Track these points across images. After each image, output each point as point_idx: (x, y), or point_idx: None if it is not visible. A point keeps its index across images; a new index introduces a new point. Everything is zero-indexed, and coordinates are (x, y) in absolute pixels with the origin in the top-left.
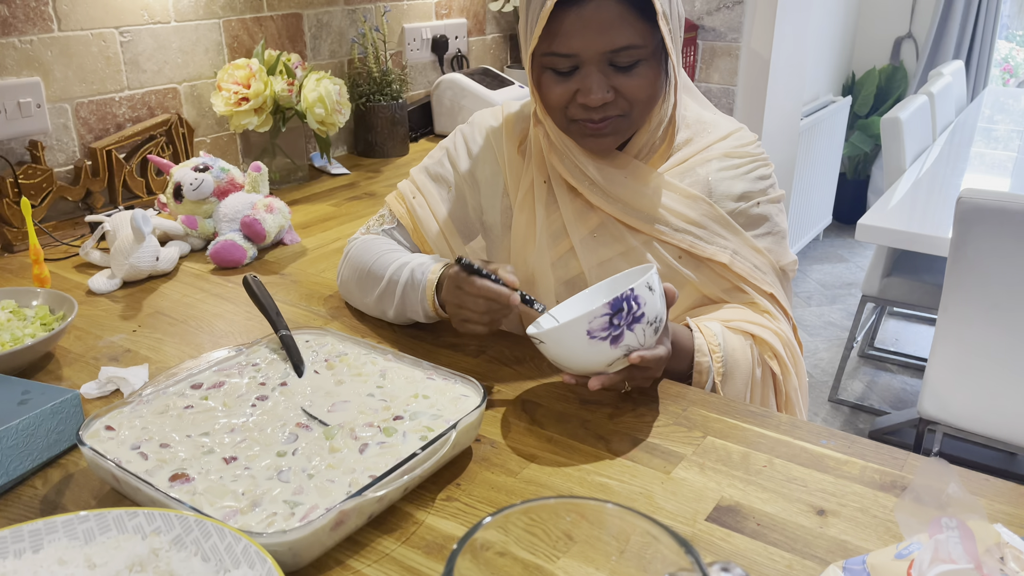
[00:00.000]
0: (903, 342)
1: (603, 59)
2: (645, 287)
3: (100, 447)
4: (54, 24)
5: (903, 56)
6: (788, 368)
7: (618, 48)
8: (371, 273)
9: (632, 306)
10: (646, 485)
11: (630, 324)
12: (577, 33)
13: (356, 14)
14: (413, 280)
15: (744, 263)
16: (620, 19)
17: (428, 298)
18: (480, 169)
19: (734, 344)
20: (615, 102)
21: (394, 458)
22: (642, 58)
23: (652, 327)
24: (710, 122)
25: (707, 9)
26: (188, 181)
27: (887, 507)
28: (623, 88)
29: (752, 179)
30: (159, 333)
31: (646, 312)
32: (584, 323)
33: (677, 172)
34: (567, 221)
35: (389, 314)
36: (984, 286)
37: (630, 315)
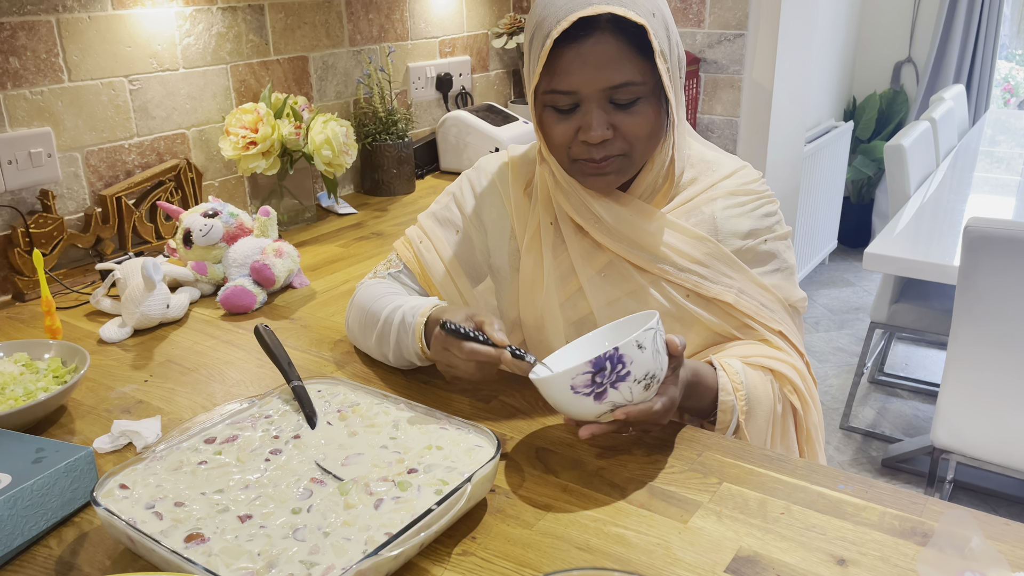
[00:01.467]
0: (913, 367)
1: (603, 96)
2: (633, 345)
3: (115, 507)
4: (64, 75)
5: (903, 80)
6: (808, 402)
7: (617, 84)
8: (370, 315)
9: (616, 365)
10: (663, 535)
11: (614, 383)
12: (576, 70)
13: (361, 55)
14: (404, 323)
15: (751, 301)
16: (618, 56)
17: (418, 343)
18: (487, 213)
19: (755, 380)
20: (615, 141)
21: (409, 514)
22: (641, 95)
23: (641, 384)
24: (714, 160)
25: (708, 42)
26: (198, 227)
27: (908, 555)
28: (623, 126)
29: (758, 216)
30: (171, 383)
31: (632, 371)
32: (568, 378)
33: (683, 211)
34: (575, 261)
35: (390, 357)
36: (994, 314)
37: (614, 374)
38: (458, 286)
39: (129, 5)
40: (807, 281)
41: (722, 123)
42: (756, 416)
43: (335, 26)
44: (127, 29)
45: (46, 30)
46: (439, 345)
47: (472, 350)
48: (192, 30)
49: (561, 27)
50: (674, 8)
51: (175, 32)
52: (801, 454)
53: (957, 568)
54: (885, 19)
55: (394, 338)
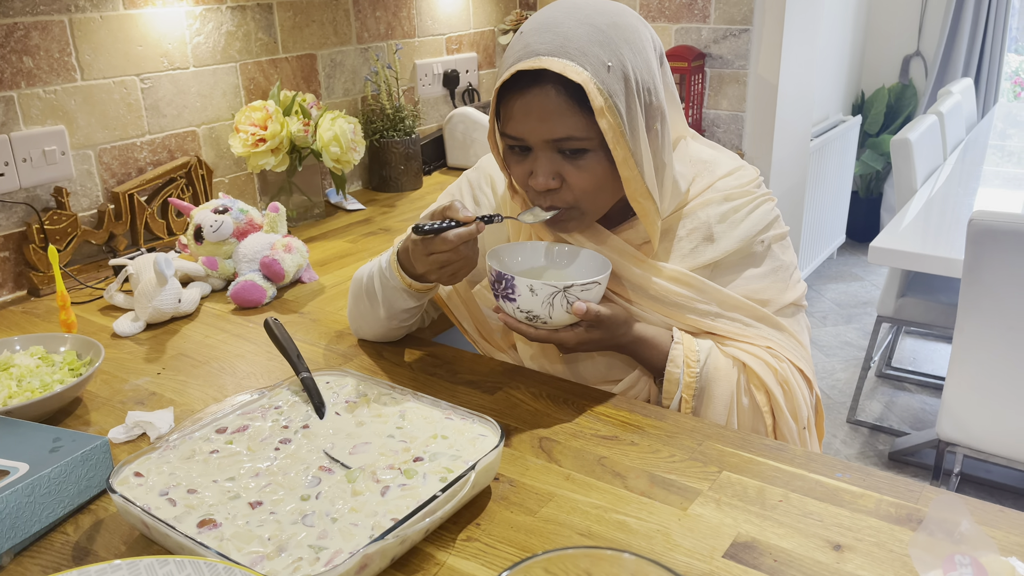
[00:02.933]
0: (920, 361)
1: (549, 146)
2: (525, 286)
3: (130, 494)
4: (77, 74)
5: (912, 74)
6: (780, 407)
7: (559, 138)
8: (357, 282)
9: (507, 289)
10: (663, 522)
11: (502, 298)
12: (521, 119)
13: (369, 52)
14: (381, 268)
15: (728, 324)
16: (559, 110)
17: (397, 275)
18: (485, 211)
19: (718, 364)
20: (562, 192)
21: (415, 501)
22: (589, 148)
23: (523, 314)
24: (711, 160)
25: (714, 38)
26: (208, 223)
27: (903, 541)
28: (569, 177)
29: (754, 220)
30: (183, 375)
31: (518, 301)
32: (485, 267)
33: (678, 216)
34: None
35: (381, 314)
36: (999, 308)
37: (504, 292)
38: (456, 285)
39: (140, 5)
40: (815, 275)
41: (728, 118)
42: (712, 399)
43: (343, 24)
44: (138, 28)
45: (59, 30)
46: (421, 254)
47: (457, 235)
48: (202, 29)
49: (503, 77)
50: (679, 4)
51: (185, 31)
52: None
53: (947, 551)
54: (893, 13)
55: (379, 289)
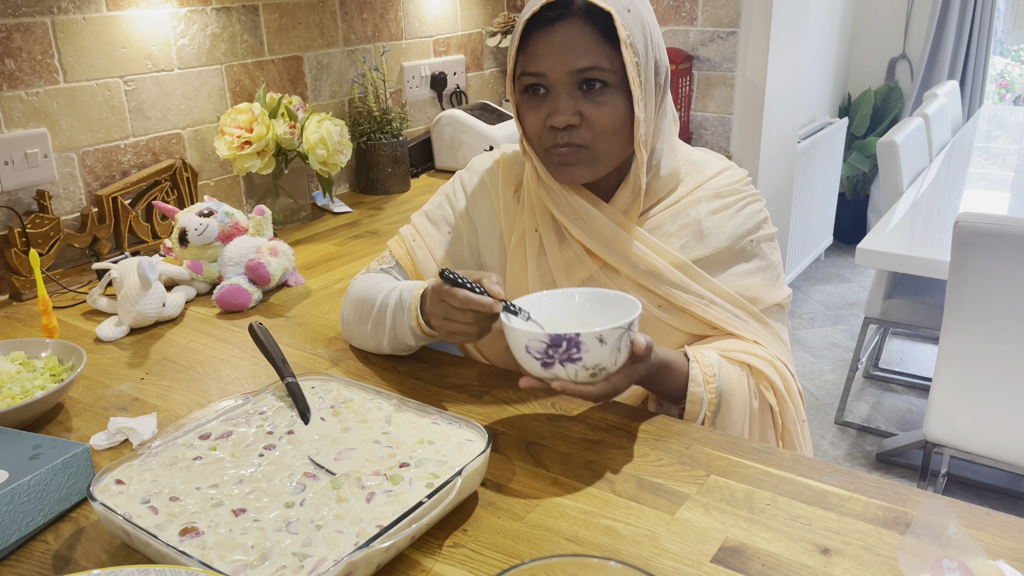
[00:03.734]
0: (907, 362)
1: (570, 81)
2: (595, 337)
3: (111, 502)
4: (60, 76)
5: (898, 76)
6: (785, 399)
7: (583, 68)
8: (365, 302)
9: (571, 348)
10: (651, 527)
11: (563, 362)
12: (546, 54)
13: (356, 55)
14: (401, 300)
15: (721, 312)
16: (586, 41)
17: (413, 316)
18: (477, 213)
19: (730, 374)
20: (580, 129)
21: (401, 507)
22: (609, 83)
23: (588, 371)
24: (700, 161)
25: (701, 40)
26: (193, 226)
27: (891, 544)
28: (589, 114)
29: (744, 217)
30: (167, 380)
31: (584, 359)
32: (525, 338)
33: (669, 213)
34: (556, 273)
35: (384, 343)
36: (985, 309)
37: (566, 354)
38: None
39: (123, 6)
40: (803, 277)
41: (715, 120)
42: (730, 409)
43: (329, 26)
44: (122, 30)
45: (41, 32)
46: (436, 297)
47: (467, 298)
48: (187, 31)
49: (532, 10)
50: (667, 6)
51: (170, 33)
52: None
53: (935, 555)
54: (879, 15)
55: (390, 318)
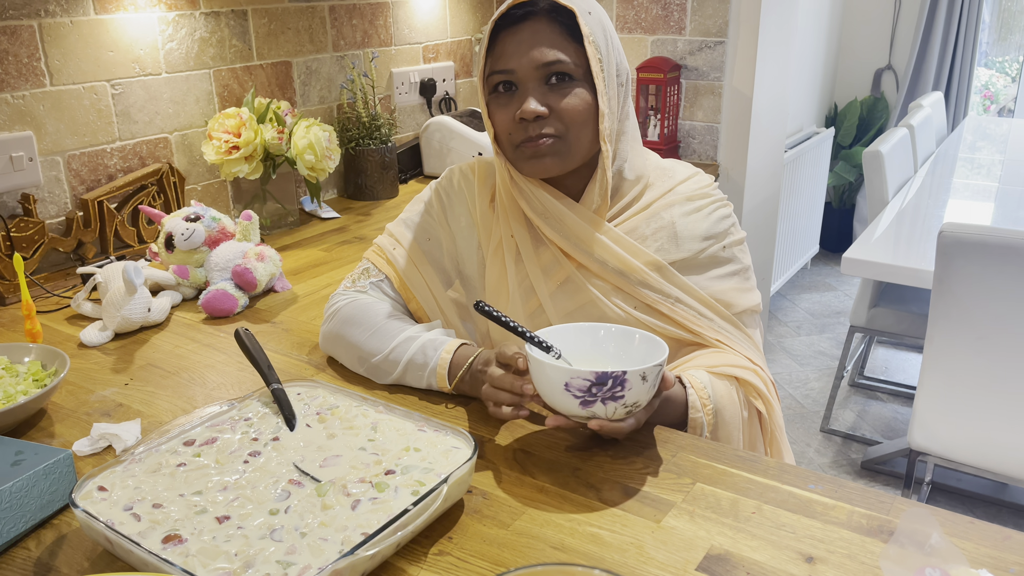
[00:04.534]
0: (892, 370)
1: (539, 76)
2: (639, 375)
3: (93, 509)
4: (46, 79)
5: (884, 87)
6: (771, 403)
7: (550, 61)
8: (368, 342)
9: (615, 387)
10: (637, 535)
11: (605, 399)
12: (514, 51)
13: (345, 60)
14: (424, 357)
15: (687, 311)
16: (552, 37)
17: (439, 380)
18: (455, 222)
19: (721, 391)
20: (550, 120)
21: (386, 514)
22: (574, 77)
23: (626, 409)
24: (669, 168)
25: (689, 49)
26: (179, 231)
27: (874, 553)
28: (557, 105)
29: (715, 220)
30: (151, 386)
31: (626, 396)
32: (566, 376)
33: (643, 217)
34: (533, 277)
35: (381, 381)
36: (969, 318)
37: (610, 392)
38: (432, 290)
39: (112, 10)
40: (789, 285)
41: (703, 129)
42: (725, 424)
43: (319, 31)
44: (109, 34)
45: (28, 34)
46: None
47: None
48: (175, 35)
49: (499, 11)
50: (655, 16)
51: (158, 37)
52: (767, 455)
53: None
54: (866, 27)
55: (402, 369)
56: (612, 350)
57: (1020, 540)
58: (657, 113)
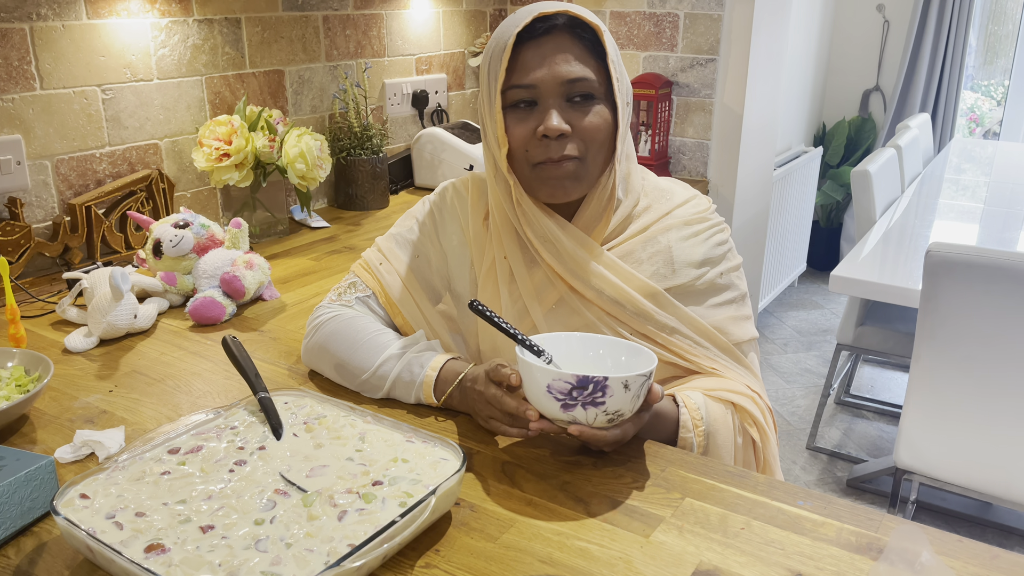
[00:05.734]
0: (878, 389)
1: (560, 92)
2: (621, 383)
3: (74, 516)
4: (36, 83)
5: (871, 108)
6: (767, 435)
7: (574, 79)
8: (351, 360)
9: (596, 392)
10: (625, 549)
11: (586, 404)
12: (536, 65)
13: (337, 70)
14: (410, 375)
15: (683, 341)
16: (575, 53)
17: (426, 395)
18: (447, 240)
19: (716, 415)
20: (572, 139)
21: (373, 526)
22: (596, 95)
23: (607, 416)
24: (667, 189)
25: (681, 66)
26: (168, 237)
27: (863, 570)
28: (578, 124)
29: (711, 245)
30: (136, 393)
31: (607, 403)
32: (548, 377)
33: (639, 240)
34: (526, 298)
35: (372, 396)
36: (955, 338)
37: (590, 397)
38: (419, 306)
39: (104, 15)
40: (776, 303)
41: (693, 145)
42: (717, 448)
43: (312, 41)
44: (101, 39)
45: (19, 37)
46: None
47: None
48: (167, 41)
49: (524, 23)
50: (648, 32)
51: (150, 42)
52: None
53: None
54: (854, 48)
55: (389, 385)
56: (604, 360)
57: (1008, 559)
58: (648, 129)
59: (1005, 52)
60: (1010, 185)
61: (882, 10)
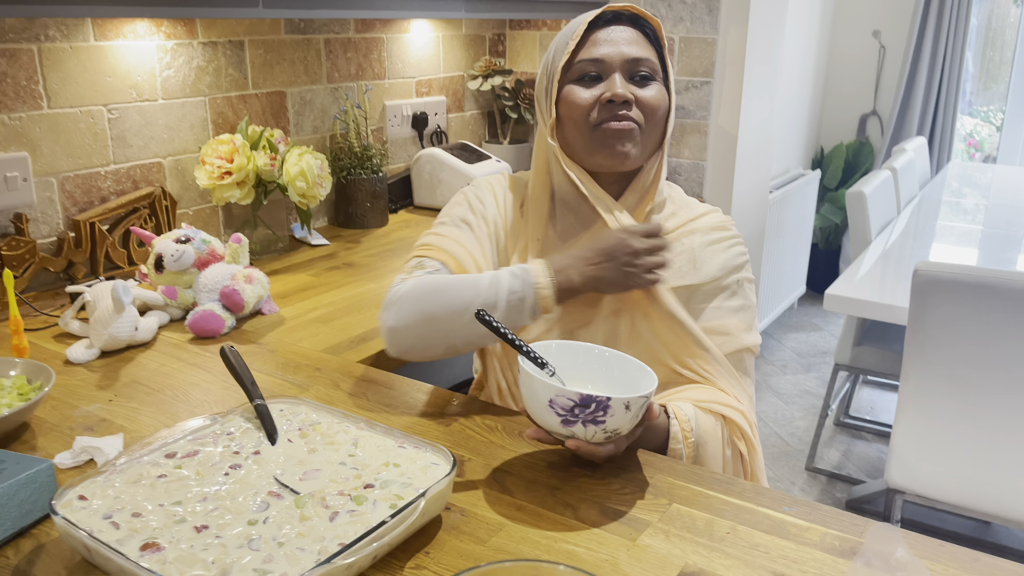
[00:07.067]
0: (877, 410)
1: (625, 68)
2: (622, 404)
3: (72, 516)
4: (44, 102)
5: (869, 132)
6: (755, 448)
7: (639, 58)
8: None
9: (598, 411)
10: (612, 552)
11: (586, 422)
12: (605, 44)
13: (339, 92)
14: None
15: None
16: (638, 39)
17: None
18: (485, 223)
19: (706, 426)
20: (632, 110)
21: (364, 526)
22: (655, 77)
23: (605, 434)
24: (692, 202)
25: (676, 89)
26: (169, 252)
27: (845, 573)
28: (641, 97)
29: (733, 255)
30: (135, 403)
31: (607, 422)
32: (551, 392)
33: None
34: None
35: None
36: (943, 356)
37: (591, 415)
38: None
39: (111, 37)
40: (776, 325)
41: (689, 166)
42: (706, 459)
43: (313, 63)
44: (108, 60)
45: (27, 58)
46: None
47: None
48: (172, 63)
49: (595, 13)
50: None
51: (156, 64)
52: None
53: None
54: (851, 73)
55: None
56: (603, 373)
57: (988, 562)
58: None
59: (1003, 78)
60: (1008, 208)
61: (878, 36)
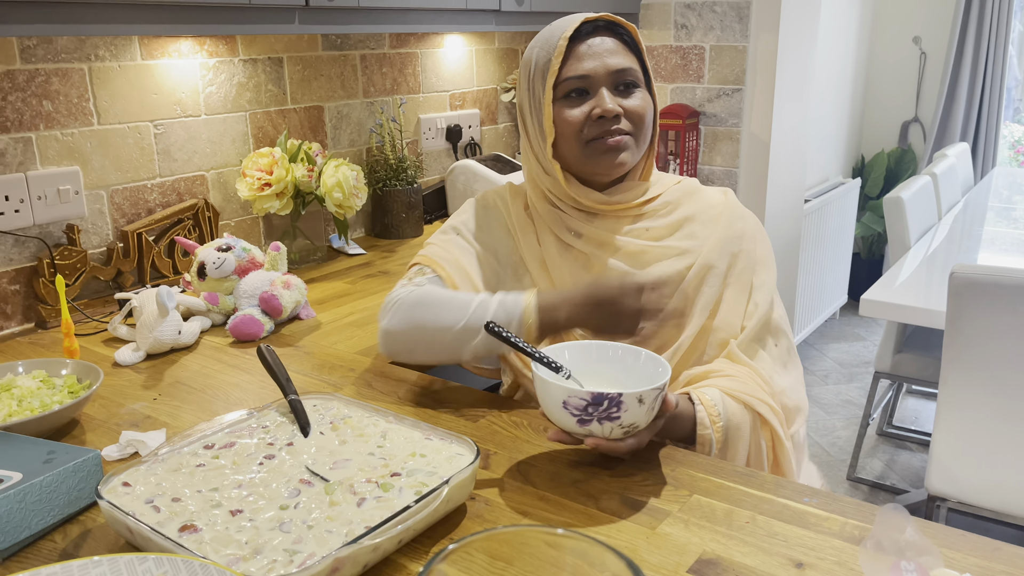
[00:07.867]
0: (922, 420)
1: (610, 81)
2: (635, 398)
3: (117, 501)
4: (94, 118)
5: (911, 139)
6: (781, 439)
7: (622, 68)
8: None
9: (611, 407)
10: (631, 539)
11: (602, 419)
12: (588, 58)
13: (374, 106)
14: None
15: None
16: (619, 49)
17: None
18: (488, 235)
19: (734, 411)
20: (622, 120)
21: (389, 511)
22: (638, 83)
23: (623, 430)
24: (702, 188)
25: (708, 97)
26: (211, 260)
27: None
28: (628, 106)
29: (753, 225)
30: (178, 401)
31: (622, 417)
32: (564, 394)
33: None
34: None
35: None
36: (981, 359)
37: (606, 412)
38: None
39: (157, 56)
40: (817, 335)
41: (722, 173)
42: (735, 446)
43: (350, 79)
44: (154, 78)
45: (79, 77)
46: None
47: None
48: (215, 79)
49: (573, 26)
50: (675, 65)
51: (199, 81)
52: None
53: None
54: (891, 80)
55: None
56: (618, 368)
57: (1009, 551)
58: (676, 158)
59: None
60: None
61: (918, 42)
